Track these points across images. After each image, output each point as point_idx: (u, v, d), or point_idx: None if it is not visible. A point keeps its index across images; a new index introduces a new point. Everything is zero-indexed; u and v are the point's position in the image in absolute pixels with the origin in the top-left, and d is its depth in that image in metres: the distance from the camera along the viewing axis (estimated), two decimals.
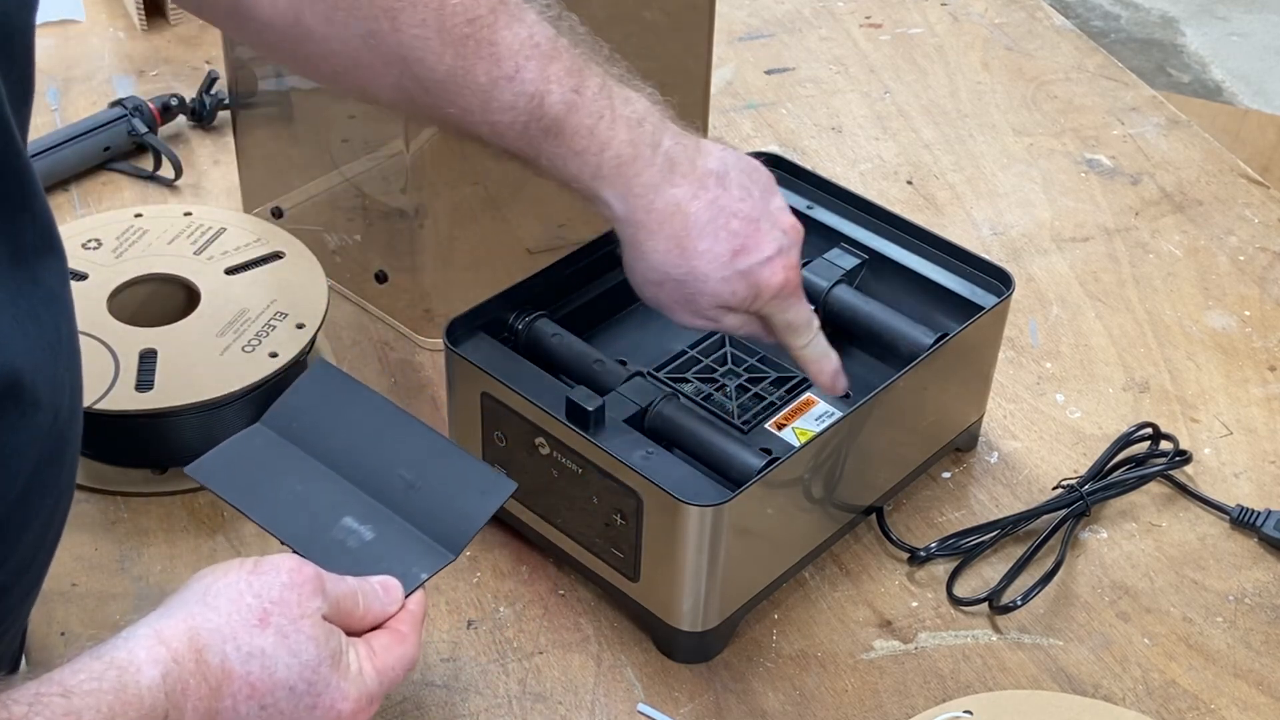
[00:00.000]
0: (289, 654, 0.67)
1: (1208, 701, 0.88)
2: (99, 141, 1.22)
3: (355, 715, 0.69)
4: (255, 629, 0.66)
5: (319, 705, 0.68)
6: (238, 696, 0.65)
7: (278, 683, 0.66)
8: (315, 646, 0.68)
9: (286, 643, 0.67)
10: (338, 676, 0.68)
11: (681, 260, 0.84)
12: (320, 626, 0.68)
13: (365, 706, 0.70)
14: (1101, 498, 0.98)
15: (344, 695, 0.68)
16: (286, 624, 0.67)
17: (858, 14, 1.49)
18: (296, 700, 0.67)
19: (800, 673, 0.88)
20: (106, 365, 0.96)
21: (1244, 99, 2.89)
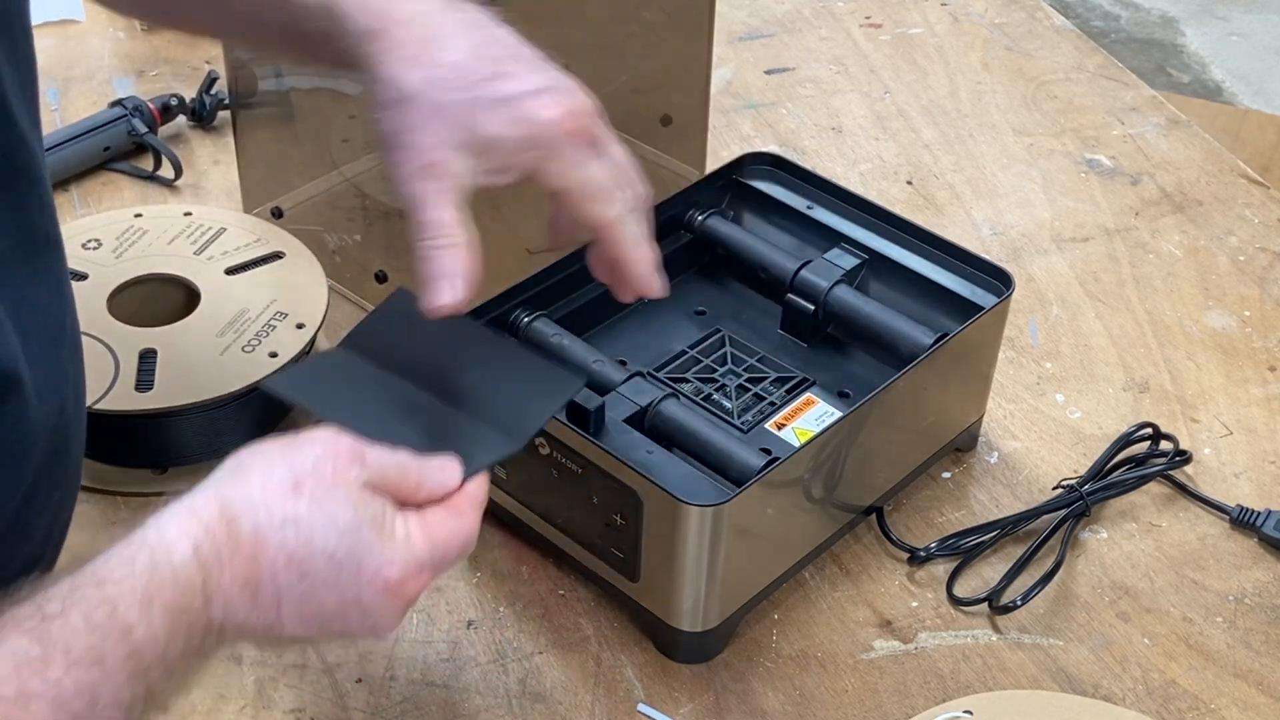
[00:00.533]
0: (325, 519, 0.63)
1: (1208, 701, 0.88)
2: (99, 141, 1.22)
3: (404, 583, 0.65)
4: (288, 496, 0.63)
5: (363, 571, 0.64)
6: (275, 564, 0.62)
7: (315, 549, 0.63)
8: (352, 511, 0.64)
9: (322, 508, 0.63)
10: (381, 542, 0.64)
11: (422, 69, 0.70)
12: (358, 492, 0.64)
13: (415, 574, 0.65)
14: (1101, 498, 0.98)
15: (389, 560, 0.64)
16: (321, 490, 0.63)
17: (858, 14, 1.49)
18: (338, 568, 0.63)
19: (800, 673, 0.88)
20: (106, 365, 0.96)
21: (1244, 99, 2.89)
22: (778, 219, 1.04)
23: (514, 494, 0.92)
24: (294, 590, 0.63)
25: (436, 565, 0.66)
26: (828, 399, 0.94)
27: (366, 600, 0.64)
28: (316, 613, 0.64)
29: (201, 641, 0.62)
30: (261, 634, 0.64)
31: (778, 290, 0.99)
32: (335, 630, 0.65)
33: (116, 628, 0.59)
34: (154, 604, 0.60)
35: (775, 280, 0.99)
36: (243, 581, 0.62)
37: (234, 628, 0.63)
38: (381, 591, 0.64)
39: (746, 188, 1.05)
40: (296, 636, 0.65)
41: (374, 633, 0.66)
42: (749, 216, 1.05)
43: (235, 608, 0.62)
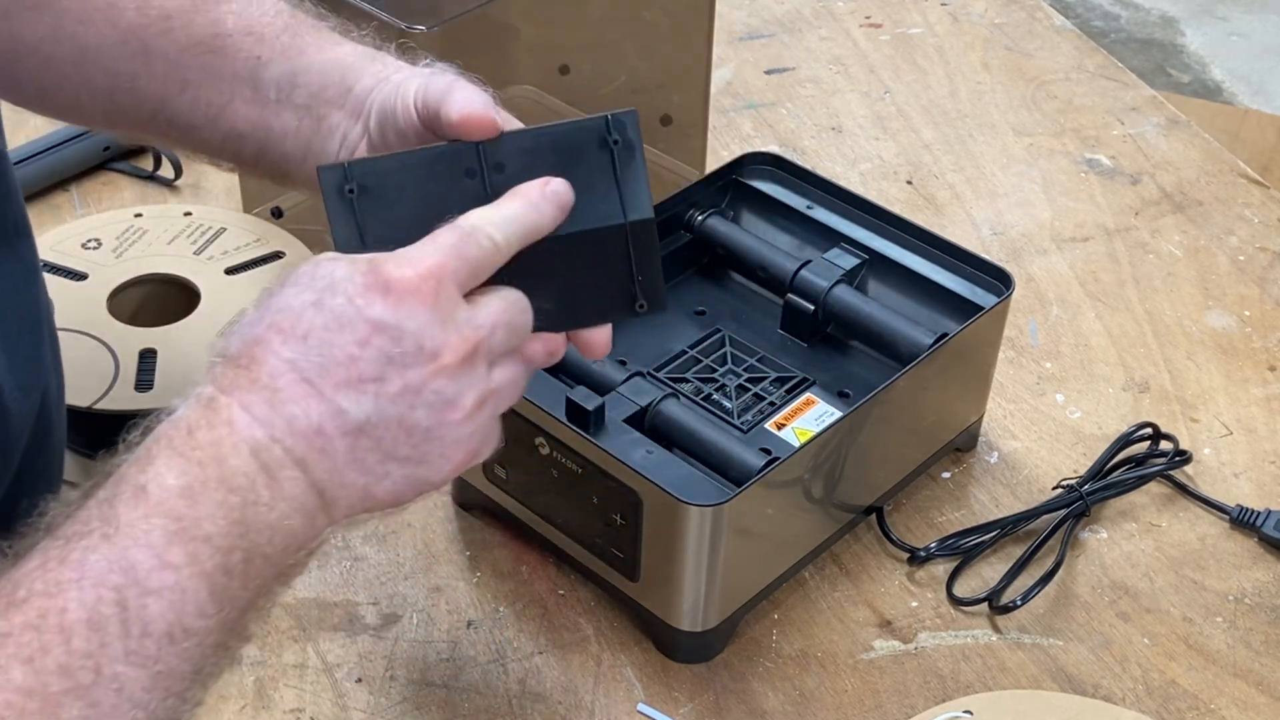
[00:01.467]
0: (297, 287, 0.61)
1: (1208, 701, 0.88)
2: (99, 141, 1.22)
3: (418, 280, 0.61)
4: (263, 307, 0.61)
5: (355, 288, 0.60)
6: (272, 346, 0.60)
7: (297, 306, 0.60)
8: (326, 265, 0.61)
9: (294, 285, 0.62)
10: (361, 263, 0.61)
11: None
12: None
13: (427, 265, 0.61)
14: (1101, 498, 0.98)
15: (381, 265, 0.60)
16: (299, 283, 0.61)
17: (858, 14, 1.49)
18: (327, 309, 0.60)
19: (800, 673, 0.88)
20: (106, 365, 0.96)
21: (1244, 99, 2.89)
22: (778, 219, 1.04)
23: (514, 494, 0.92)
24: (308, 354, 0.59)
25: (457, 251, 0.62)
26: (828, 399, 0.94)
27: (373, 314, 0.60)
28: (345, 365, 0.59)
29: (260, 479, 0.58)
30: (322, 422, 0.59)
31: (777, 290, 0.99)
32: (393, 383, 0.60)
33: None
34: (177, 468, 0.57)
35: (775, 280, 0.99)
36: (250, 384, 0.59)
37: (290, 436, 0.59)
38: (377, 292, 0.60)
39: (746, 188, 1.05)
40: (362, 409, 0.60)
41: (425, 355, 0.61)
42: (749, 216, 1.05)
43: (266, 412, 0.59)
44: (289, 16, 0.81)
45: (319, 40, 0.80)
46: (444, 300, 0.61)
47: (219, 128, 0.81)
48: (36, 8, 0.81)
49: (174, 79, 0.81)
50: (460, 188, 0.70)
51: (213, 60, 0.80)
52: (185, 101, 0.81)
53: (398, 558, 0.94)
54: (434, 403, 0.61)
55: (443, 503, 0.97)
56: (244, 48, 0.80)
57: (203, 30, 0.80)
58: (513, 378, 0.65)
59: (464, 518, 0.96)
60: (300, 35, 0.80)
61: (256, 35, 0.80)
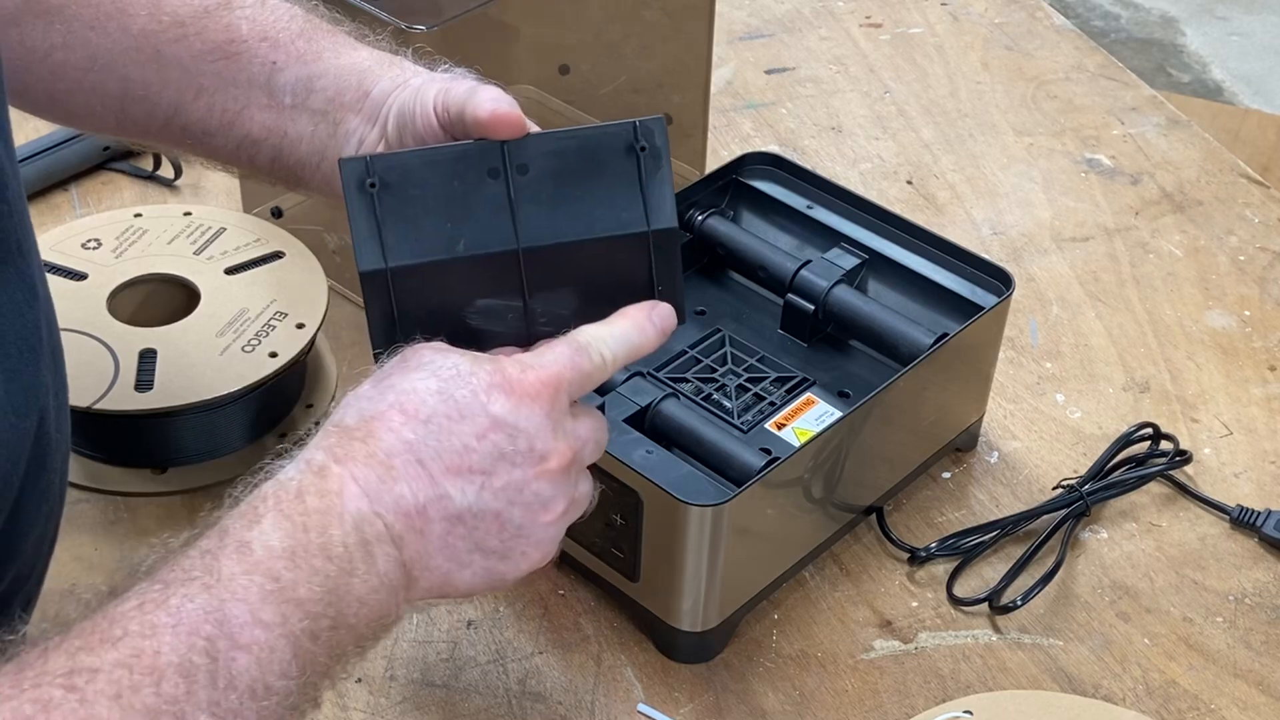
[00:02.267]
0: (423, 377, 0.64)
1: (1208, 701, 0.88)
2: (99, 141, 1.22)
3: (526, 387, 0.64)
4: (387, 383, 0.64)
5: (477, 392, 0.63)
6: (392, 424, 0.62)
7: (423, 394, 0.63)
8: (450, 363, 0.64)
9: (420, 371, 0.64)
10: (482, 364, 0.64)
11: None
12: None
13: (533, 385, 0.65)
14: (1101, 498, 0.98)
15: (500, 371, 0.64)
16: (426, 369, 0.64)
17: (858, 14, 1.49)
18: (452, 402, 0.63)
19: (800, 673, 0.88)
20: (106, 365, 0.96)
21: (1244, 99, 2.89)
22: (778, 219, 1.04)
23: None
24: (426, 438, 0.62)
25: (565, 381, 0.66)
26: (828, 399, 0.94)
27: (496, 410, 0.63)
28: (459, 454, 0.62)
29: (357, 547, 0.60)
30: (426, 505, 0.62)
31: (777, 290, 0.99)
32: (500, 478, 0.63)
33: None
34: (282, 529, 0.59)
35: (775, 280, 0.99)
36: (365, 457, 0.61)
37: (393, 513, 0.61)
38: (502, 391, 0.63)
39: (746, 187, 1.05)
40: (466, 498, 0.62)
41: (534, 456, 0.64)
42: (749, 216, 1.05)
43: (377, 487, 0.61)
44: (303, 21, 0.81)
45: (334, 45, 0.81)
46: (558, 408, 0.65)
47: (234, 134, 0.82)
48: (47, 14, 0.81)
49: (188, 85, 0.81)
50: (482, 187, 0.70)
51: (227, 66, 0.80)
52: (199, 108, 0.81)
53: None
54: (531, 502, 0.64)
55: None
56: (259, 53, 0.80)
57: (217, 36, 0.80)
58: (588, 491, 0.69)
59: None
60: (315, 40, 0.81)
61: (271, 41, 0.80)
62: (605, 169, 0.71)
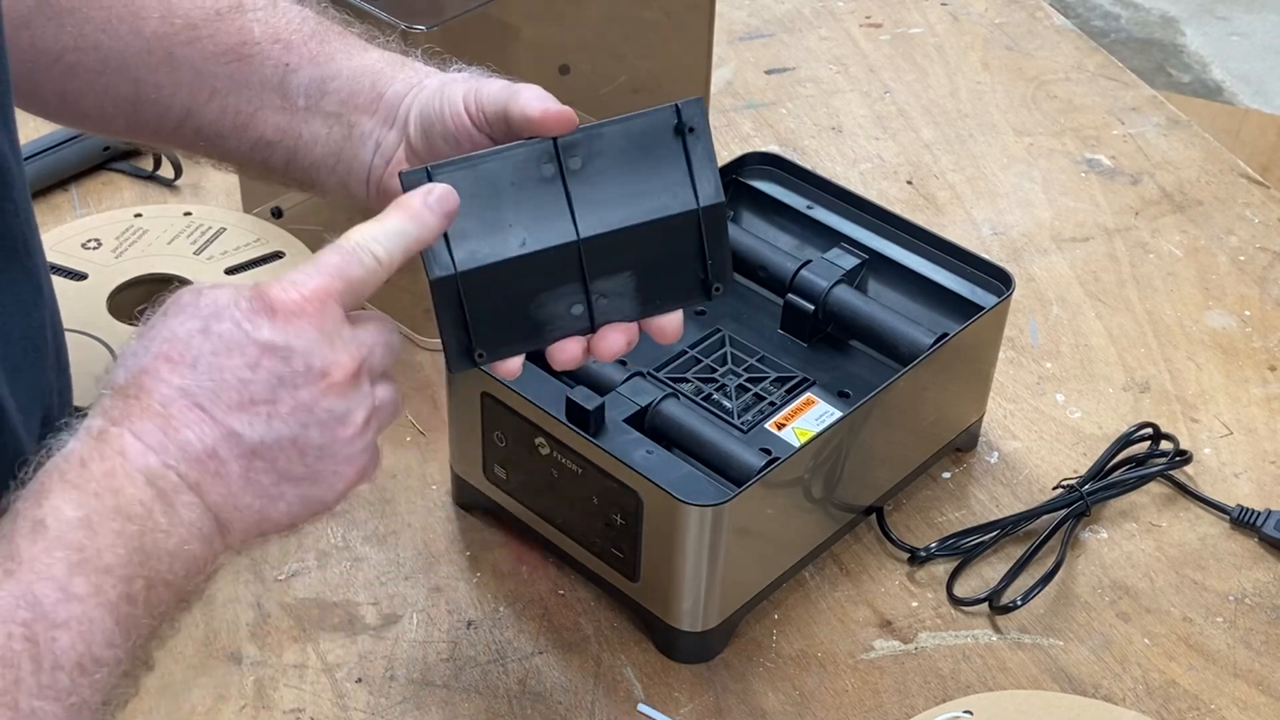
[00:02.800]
0: (181, 314, 0.61)
1: (1208, 701, 0.88)
2: (99, 141, 1.22)
3: (299, 302, 0.62)
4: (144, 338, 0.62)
5: (231, 304, 0.61)
6: (159, 373, 0.60)
7: (182, 329, 0.61)
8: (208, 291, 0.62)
9: (178, 313, 0.62)
10: (237, 286, 0.62)
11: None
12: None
13: (310, 287, 0.63)
14: (1101, 498, 0.98)
15: (251, 288, 0.62)
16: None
17: (858, 14, 1.49)
18: (205, 321, 0.60)
19: (800, 673, 0.88)
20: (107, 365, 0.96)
21: (1244, 99, 2.89)
22: (778, 219, 1.04)
23: (514, 494, 0.92)
24: (199, 381, 0.59)
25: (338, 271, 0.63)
26: (828, 399, 0.94)
27: (262, 336, 0.61)
28: (237, 389, 0.60)
29: (154, 506, 0.58)
30: (216, 446, 0.60)
31: (777, 290, 0.99)
32: (285, 403, 0.60)
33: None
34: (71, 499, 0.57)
35: (775, 280, 0.99)
36: (142, 412, 0.59)
37: (184, 462, 0.59)
38: (264, 315, 0.61)
39: (746, 187, 1.05)
40: (256, 431, 0.60)
41: (314, 374, 0.61)
42: (749, 216, 1.05)
43: (159, 439, 0.59)
44: (315, 23, 0.81)
45: (346, 47, 0.80)
46: (329, 320, 0.62)
47: (247, 136, 0.81)
48: (58, 16, 0.80)
49: (201, 88, 0.81)
50: (538, 185, 0.72)
51: (240, 68, 0.80)
52: (212, 110, 0.81)
53: (398, 558, 0.94)
54: (326, 420, 0.62)
55: (443, 503, 0.97)
56: (271, 55, 0.80)
57: (229, 38, 0.80)
58: (392, 396, 0.66)
59: (464, 518, 0.96)
60: (328, 42, 0.80)
61: (284, 43, 0.80)
62: (652, 153, 0.73)
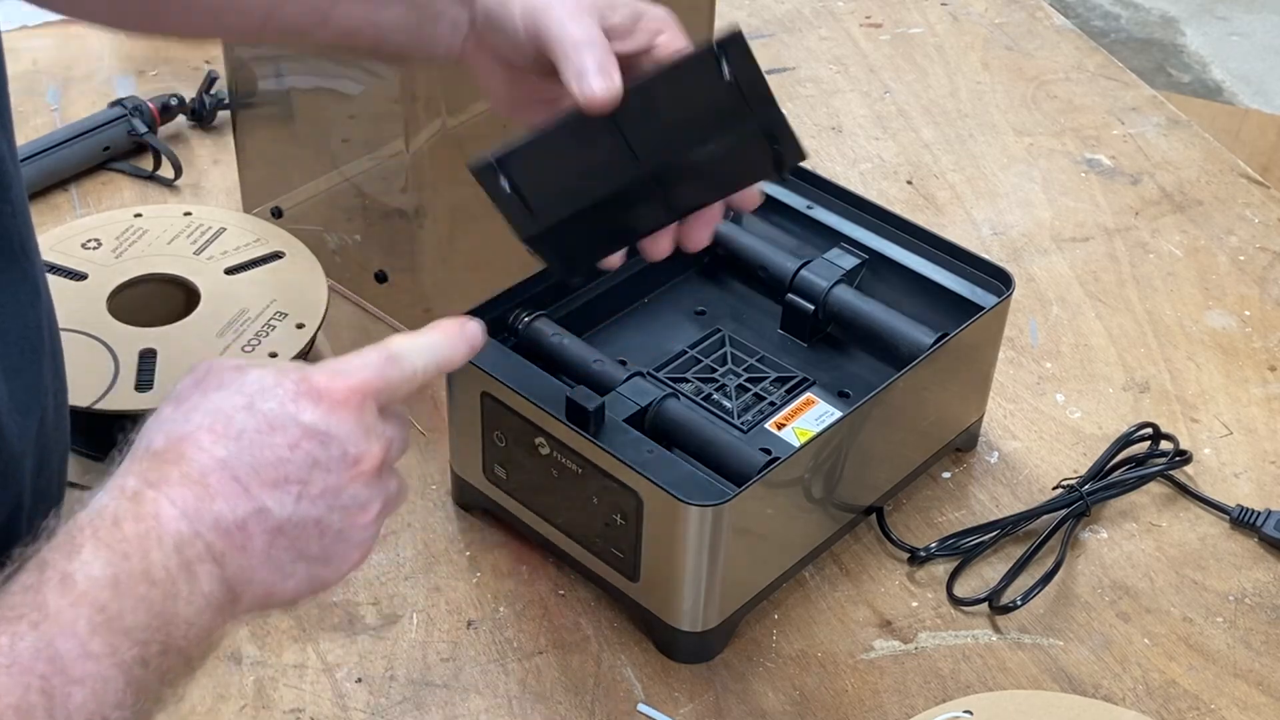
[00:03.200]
0: (229, 391, 0.62)
1: (1208, 701, 0.88)
2: (99, 141, 1.22)
3: (343, 393, 0.63)
4: (191, 402, 0.62)
5: (286, 394, 0.62)
6: (202, 444, 0.61)
7: (232, 409, 0.61)
8: (256, 373, 0.63)
9: (224, 387, 0.63)
10: (291, 371, 0.63)
11: None
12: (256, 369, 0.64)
13: (359, 379, 0.64)
14: (1101, 498, 0.98)
15: (314, 375, 0.62)
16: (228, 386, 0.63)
17: (858, 14, 1.49)
18: (262, 415, 0.61)
19: (800, 673, 0.88)
20: (106, 365, 0.96)
21: (1244, 99, 2.89)
22: (778, 219, 1.04)
23: (514, 494, 0.92)
24: (239, 454, 0.60)
25: (382, 369, 0.65)
26: (828, 399, 0.94)
27: (306, 419, 0.62)
28: (274, 466, 0.61)
29: (184, 572, 0.59)
30: (246, 520, 0.61)
31: (778, 290, 0.99)
32: (316, 485, 0.62)
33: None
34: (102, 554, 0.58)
35: (775, 280, 0.99)
36: (180, 478, 0.60)
37: (214, 532, 0.60)
38: (309, 399, 0.62)
39: None
40: (285, 509, 0.61)
41: (348, 461, 0.63)
42: (749, 216, 1.05)
43: (194, 507, 0.60)
44: None
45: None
46: (368, 414, 0.64)
47: (329, 29, 0.82)
48: None
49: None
50: (603, 148, 0.77)
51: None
52: (292, 7, 0.82)
53: (398, 558, 0.94)
54: (349, 505, 0.64)
55: (443, 503, 0.97)
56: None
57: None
58: (400, 487, 0.68)
59: (464, 518, 0.96)
60: None
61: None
62: (699, 92, 0.76)
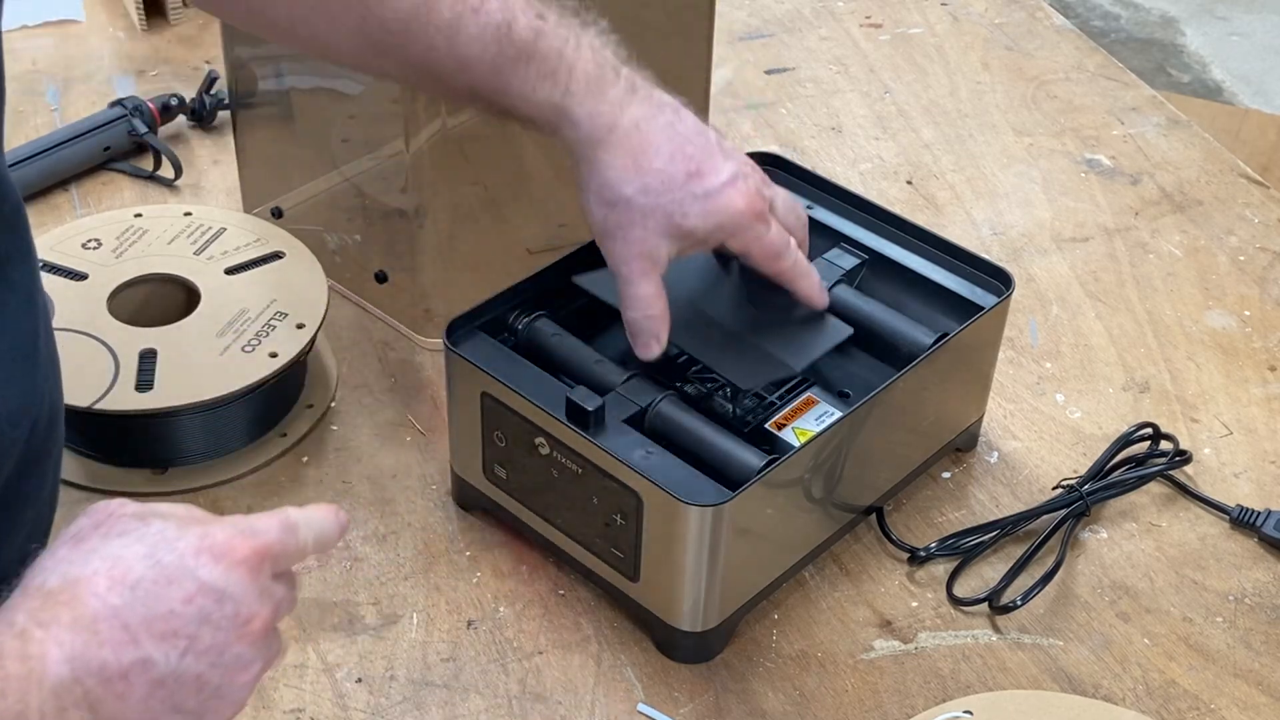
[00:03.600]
0: (128, 539, 0.62)
1: (1208, 701, 0.88)
2: (99, 141, 1.22)
3: (230, 544, 0.63)
4: (86, 546, 0.63)
5: (185, 547, 0.62)
6: (98, 589, 0.60)
7: (131, 558, 0.61)
8: (157, 522, 0.63)
9: (124, 535, 0.63)
10: (195, 524, 0.63)
11: (636, 177, 0.84)
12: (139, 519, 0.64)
13: (241, 536, 0.64)
14: (1101, 498, 0.98)
15: (210, 532, 0.63)
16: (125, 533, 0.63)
17: (858, 14, 1.49)
18: (160, 564, 0.61)
19: (800, 673, 0.88)
20: (106, 365, 0.96)
21: (1244, 99, 2.89)
22: None
23: (514, 494, 0.92)
24: (133, 603, 0.61)
25: (261, 533, 0.65)
26: (828, 399, 0.94)
27: (204, 575, 0.62)
28: (165, 619, 0.61)
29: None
30: (129, 670, 0.61)
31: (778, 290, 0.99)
32: (204, 641, 0.62)
33: None
34: None
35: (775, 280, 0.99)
36: (70, 622, 0.60)
37: (95, 678, 0.60)
38: (209, 556, 0.62)
39: None
40: (169, 663, 0.62)
41: (239, 620, 0.63)
42: None
43: (80, 652, 0.60)
44: None
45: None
46: (263, 575, 0.65)
47: (495, 106, 0.87)
48: None
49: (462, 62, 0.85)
50: (724, 278, 0.93)
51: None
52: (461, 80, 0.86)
53: (398, 558, 0.94)
54: (232, 664, 0.64)
55: (443, 502, 0.97)
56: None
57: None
58: (282, 649, 0.68)
59: (464, 518, 0.96)
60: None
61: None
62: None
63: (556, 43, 0.84)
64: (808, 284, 0.91)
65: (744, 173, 0.86)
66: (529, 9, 0.83)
